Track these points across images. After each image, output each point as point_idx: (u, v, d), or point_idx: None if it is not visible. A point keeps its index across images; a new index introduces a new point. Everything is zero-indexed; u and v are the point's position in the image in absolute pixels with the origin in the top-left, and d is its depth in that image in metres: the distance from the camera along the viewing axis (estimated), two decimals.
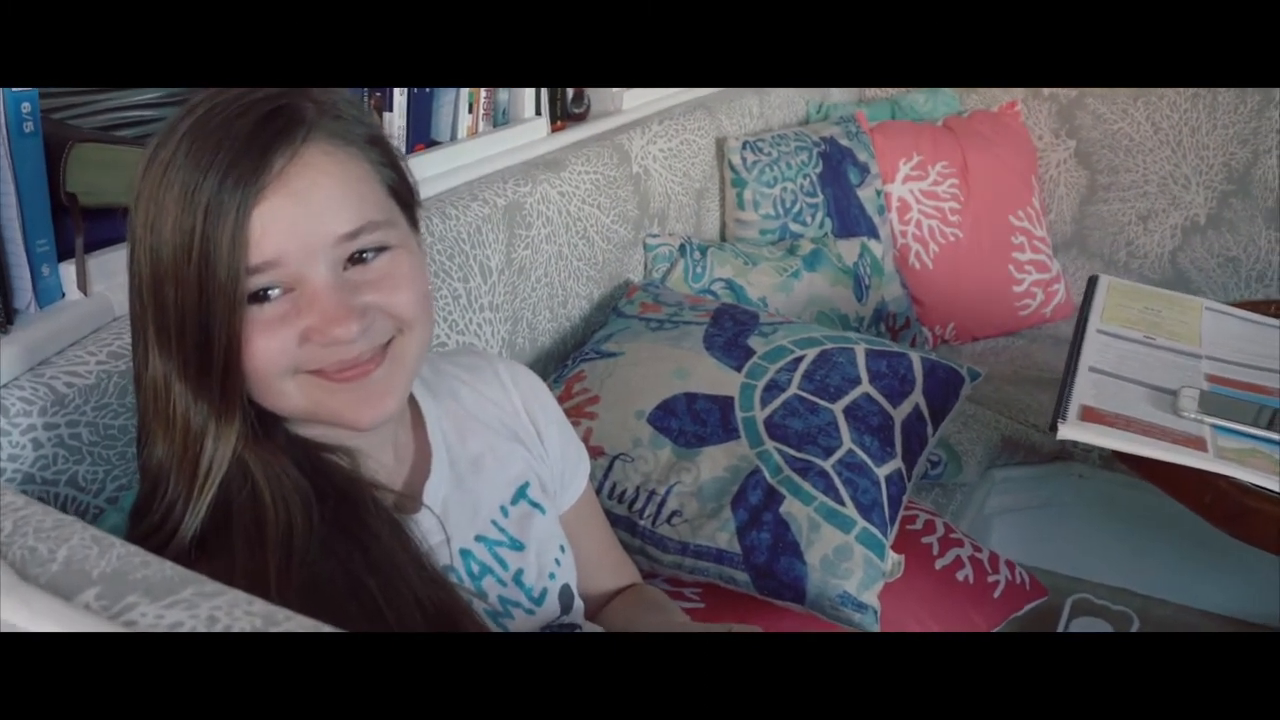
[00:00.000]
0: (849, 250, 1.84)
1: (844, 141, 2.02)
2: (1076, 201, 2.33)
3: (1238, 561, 1.61)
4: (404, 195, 0.86)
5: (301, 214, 0.76)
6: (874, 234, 1.98)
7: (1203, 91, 2.21)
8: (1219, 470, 1.20)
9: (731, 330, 1.42)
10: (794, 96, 2.19)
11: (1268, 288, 2.12)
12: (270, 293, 0.77)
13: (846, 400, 1.35)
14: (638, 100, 1.85)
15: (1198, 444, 1.22)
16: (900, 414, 1.38)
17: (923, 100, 2.33)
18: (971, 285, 2.14)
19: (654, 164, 1.76)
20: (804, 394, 1.34)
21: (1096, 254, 2.33)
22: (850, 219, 1.96)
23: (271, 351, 0.77)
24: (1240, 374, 1.41)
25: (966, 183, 2.17)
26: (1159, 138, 2.25)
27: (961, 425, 1.79)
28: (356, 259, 0.79)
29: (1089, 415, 1.25)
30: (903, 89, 2.38)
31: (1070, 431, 1.23)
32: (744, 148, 1.87)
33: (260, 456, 0.81)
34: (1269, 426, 1.26)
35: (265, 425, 0.82)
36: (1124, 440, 1.23)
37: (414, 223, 0.87)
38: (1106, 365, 1.38)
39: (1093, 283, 1.62)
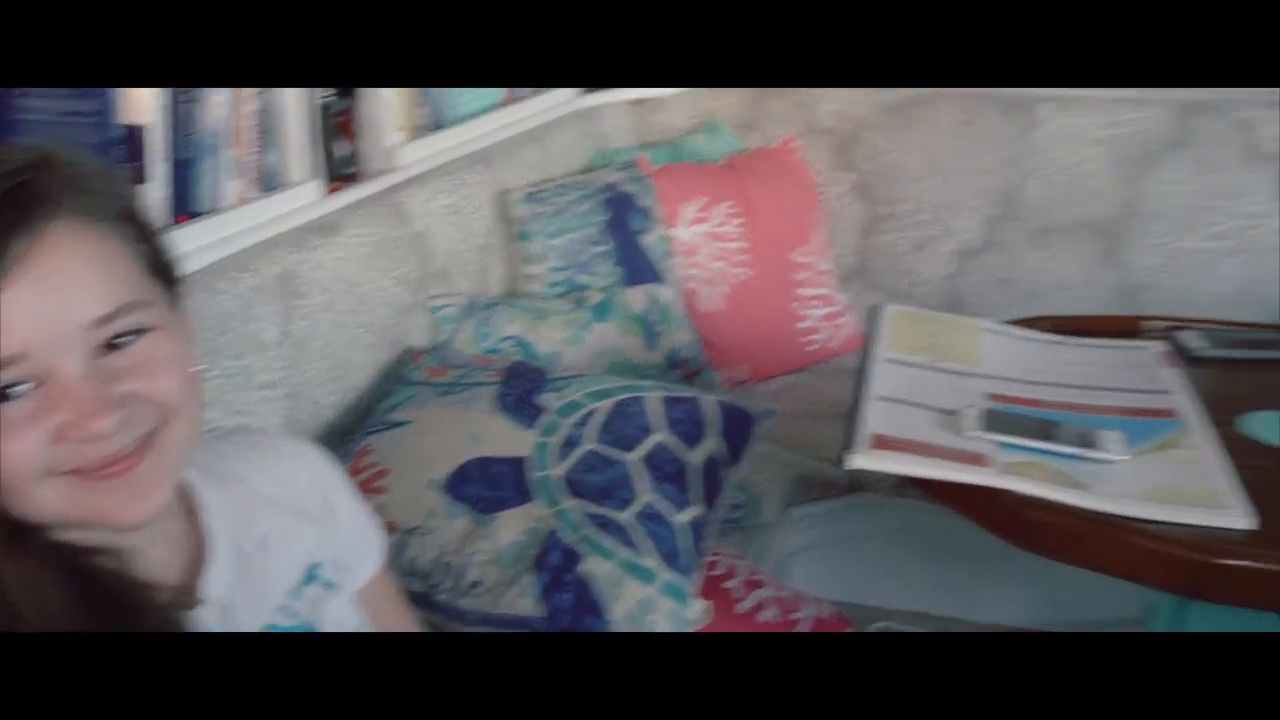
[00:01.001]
0: (637, 298, 1.85)
1: (627, 187, 2.03)
2: (858, 234, 2.41)
3: (1029, 574, 1.67)
4: (164, 272, 0.81)
5: (48, 300, 0.71)
6: (661, 280, 1.99)
7: (973, 119, 2.31)
8: (1001, 485, 1.24)
9: (523, 388, 1.39)
10: (575, 143, 2.20)
11: (1040, 305, 2.22)
12: (15, 389, 0.71)
13: (643, 449, 1.35)
14: (416, 155, 1.81)
15: (982, 461, 1.26)
16: (697, 459, 1.38)
17: (704, 140, 2.37)
18: (761, 324, 2.18)
19: (435, 221, 1.73)
20: (600, 447, 1.33)
21: (880, 284, 2.40)
22: (637, 267, 1.97)
23: (21, 454, 0.71)
24: (1019, 390, 1.47)
25: (751, 221, 2.20)
26: (931, 166, 2.35)
27: (758, 466, 1.80)
28: (112, 345, 0.74)
29: (880, 443, 1.27)
30: (686, 133, 2.42)
31: (858, 461, 1.25)
32: (527, 199, 1.86)
33: (15, 569, 0.74)
34: (1047, 439, 1.32)
35: (20, 533, 0.76)
36: (910, 464, 1.26)
37: (176, 301, 0.82)
38: (894, 392, 1.42)
39: (876, 312, 1.66)
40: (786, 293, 2.21)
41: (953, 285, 2.36)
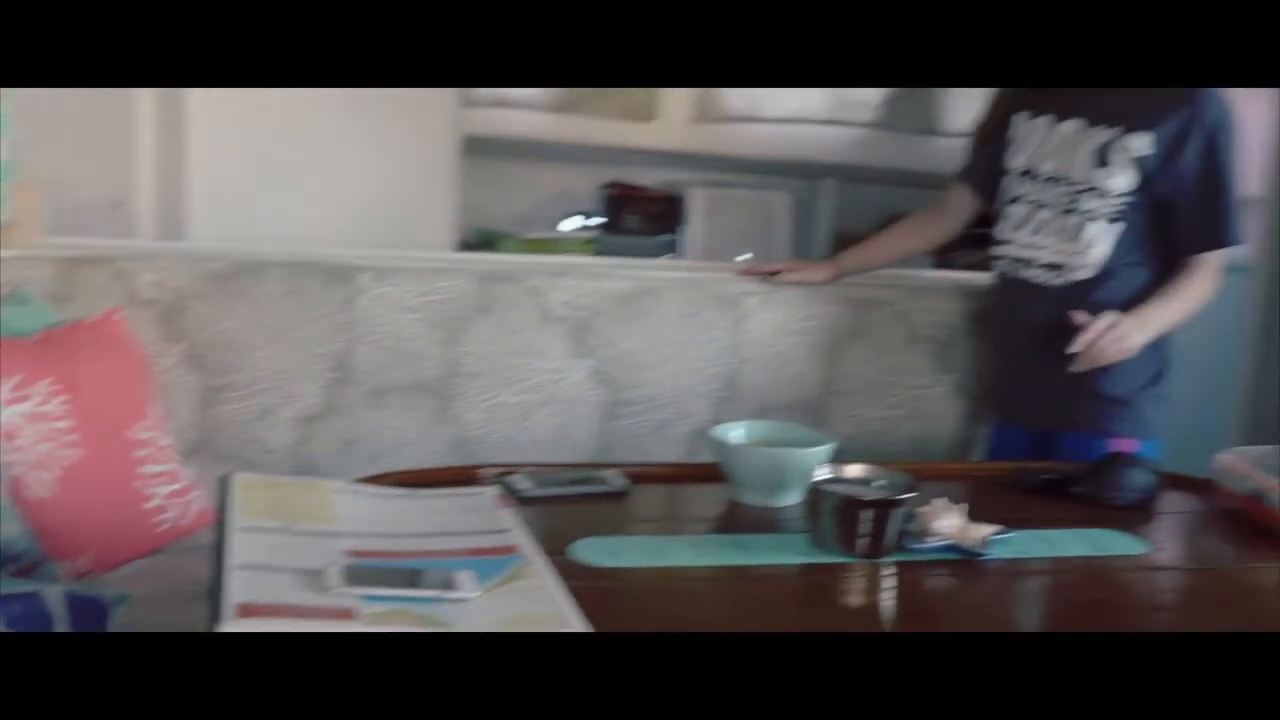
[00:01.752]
0: None
1: None
2: (196, 406, 2.36)
3: None
4: None
5: None
6: None
7: (299, 287, 2.38)
8: (367, 631, 1.29)
9: None
10: None
11: (384, 463, 2.33)
12: None
13: None
14: None
15: (349, 615, 1.31)
16: None
17: (14, 313, 2.19)
18: (102, 507, 2.03)
19: None
20: None
21: (226, 455, 2.36)
22: None
23: None
24: (377, 544, 1.53)
25: (78, 398, 2.07)
26: (265, 334, 2.38)
27: None
28: None
29: (245, 612, 1.27)
30: None
31: (231, 627, 1.24)
32: None
33: None
34: (410, 585, 1.39)
35: None
36: (279, 626, 1.26)
37: None
38: (255, 559, 1.41)
39: (225, 482, 1.65)
40: (128, 471, 2.09)
41: (300, 451, 2.38)
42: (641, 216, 4.33)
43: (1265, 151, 3.91)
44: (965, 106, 4.56)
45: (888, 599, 1.54)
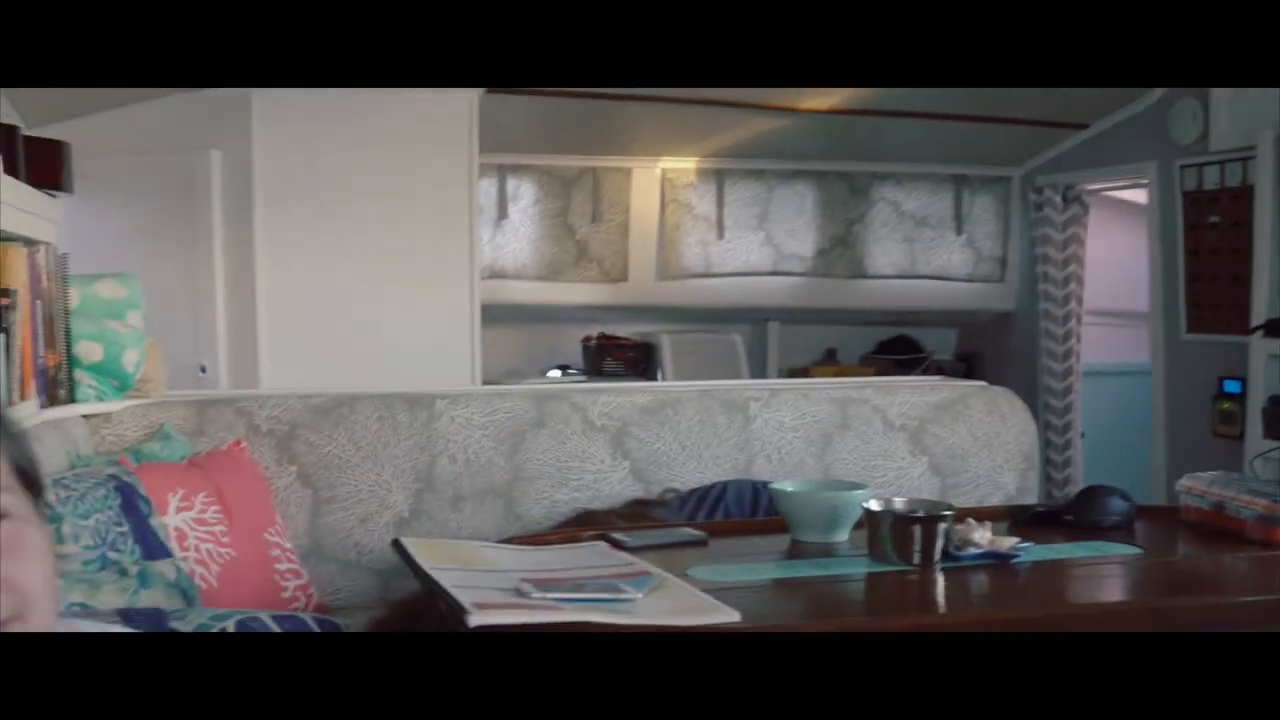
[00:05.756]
0: (167, 570, 1.85)
1: (126, 478, 2.03)
2: (307, 515, 2.56)
3: None
4: (26, 470, 0.80)
5: None
6: (173, 556, 2.00)
7: (387, 414, 2.63)
8: (585, 619, 1.52)
9: (150, 620, 1.39)
10: (54, 449, 2.13)
11: None
12: None
13: None
14: None
15: (557, 609, 1.55)
16: None
17: (159, 447, 2.41)
18: (251, 597, 2.23)
19: None
20: None
21: (331, 557, 2.56)
22: (151, 545, 1.97)
23: None
24: (541, 575, 1.77)
25: (226, 508, 2.28)
26: (360, 454, 2.61)
27: None
28: None
29: (481, 606, 1.50)
30: (139, 441, 2.42)
31: (475, 620, 1.47)
32: (53, 485, 1.80)
33: None
34: (593, 591, 1.64)
35: None
36: (519, 615, 1.50)
37: (39, 500, 0.80)
38: (460, 582, 1.65)
39: (398, 543, 1.89)
40: (267, 568, 2.30)
41: (393, 553, 2.59)
42: (620, 362, 4.66)
43: (1148, 272, 4.34)
44: (886, 252, 5.05)
45: (948, 593, 1.82)
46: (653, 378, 4.69)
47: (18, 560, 0.72)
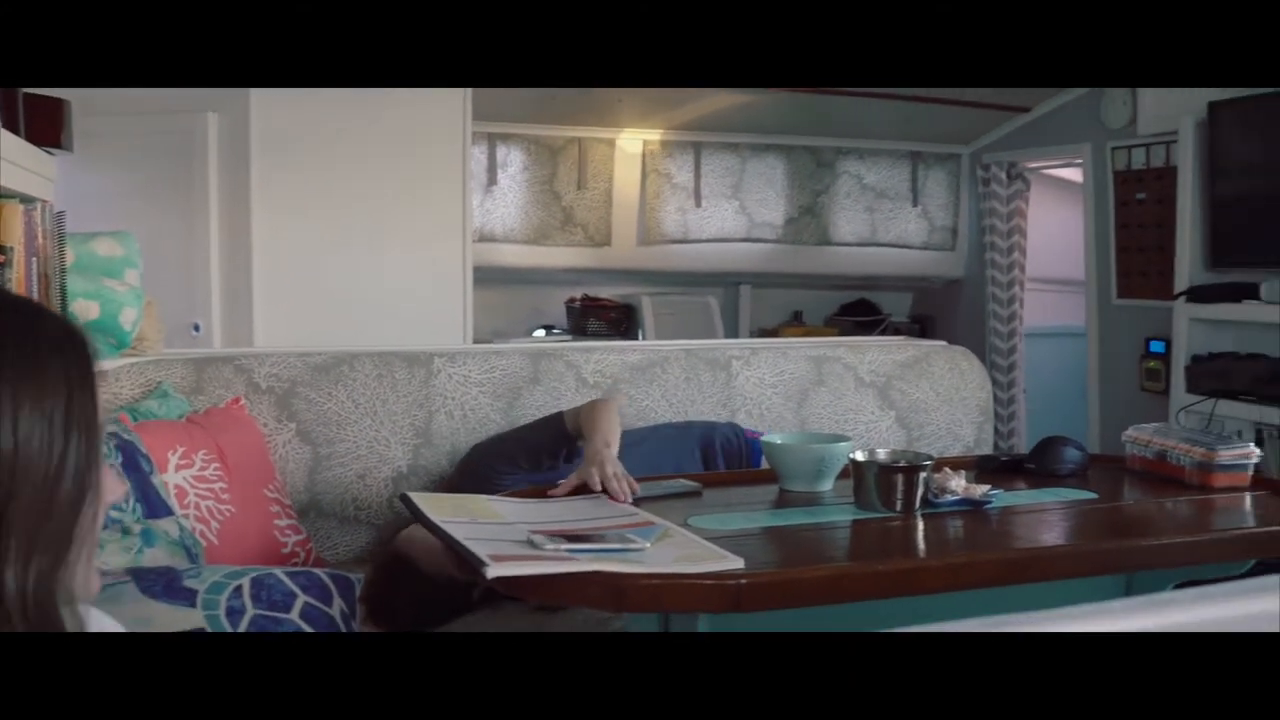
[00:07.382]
0: (170, 527, 1.79)
1: (127, 436, 1.96)
2: (306, 472, 2.50)
3: None
4: None
5: None
6: (174, 514, 1.94)
7: (386, 371, 2.57)
8: (599, 568, 1.47)
9: (162, 580, 1.33)
10: None
11: None
12: None
13: (297, 609, 1.36)
14: None
15: (573, 560, 1.50)
16: (334, 612, 1.42)
17: (157, 404, 2.33)
18: (253, 553, 2.16)
19: None
20: (264, 612, 1.32)
21: (330, 513, 2.50)
22: (153, 503, 1.89)
23: None
24: (550, 526, 1.72)
25: (226, 465, 2.21)
26: (359, 411, 2.54)
27: None
28: None
29: (498, 559, 1.45)
30: (137, 400, 2.35)
31: (493, 571, 1.42)
32: None
33: None
34: (604, 541, 1.59)
35: None
36: (535, 566, 1.45)
37: None
38: (473, 534, 1.60)
39: (407, 499, 1.84)
40: (267, 523, 2.23)
41: (393, 505, 2.53)
42: (603, 322, 4.61)
43: (1083, 243, 4.46)
44: (849, 221, 5.04)
45: (930, 537, 1.80)
46: (634, 337, 4.65)
47: None
